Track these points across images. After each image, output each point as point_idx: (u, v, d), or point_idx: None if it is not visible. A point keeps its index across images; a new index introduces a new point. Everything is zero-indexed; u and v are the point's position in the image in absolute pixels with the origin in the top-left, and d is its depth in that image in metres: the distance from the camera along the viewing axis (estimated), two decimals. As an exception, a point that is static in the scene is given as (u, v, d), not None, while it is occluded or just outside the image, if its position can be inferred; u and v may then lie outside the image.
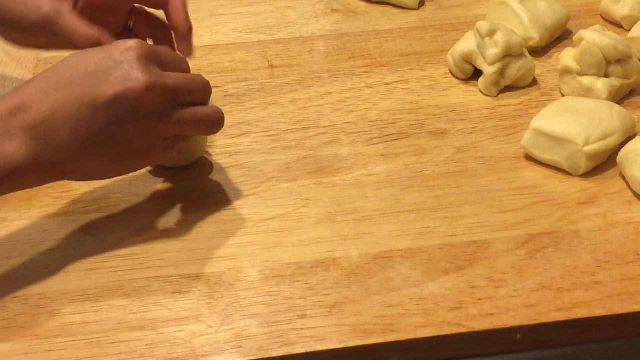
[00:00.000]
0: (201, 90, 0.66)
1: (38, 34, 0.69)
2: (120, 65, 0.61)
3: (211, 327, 0.60)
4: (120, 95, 0.60)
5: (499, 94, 0.82)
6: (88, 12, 0.69)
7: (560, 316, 0.60)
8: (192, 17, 0.96)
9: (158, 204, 0.71)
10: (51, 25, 0.68)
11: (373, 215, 0.69)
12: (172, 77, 0.63)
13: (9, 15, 0.69)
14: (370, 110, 0.81)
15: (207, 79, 0.67)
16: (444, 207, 0.70)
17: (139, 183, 0.72)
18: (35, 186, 0.63)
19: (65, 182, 0.73)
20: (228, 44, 0.91)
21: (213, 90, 0.67)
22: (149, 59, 0.62)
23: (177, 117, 0.63)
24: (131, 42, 0.62)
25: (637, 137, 0.72)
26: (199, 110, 0.65)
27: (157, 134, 0.63)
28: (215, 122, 0.66)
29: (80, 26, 0.67)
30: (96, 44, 0.66)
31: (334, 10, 0.96)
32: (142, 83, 0.60)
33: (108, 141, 0.61)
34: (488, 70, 0.81)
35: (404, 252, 0.66)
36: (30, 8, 0.68)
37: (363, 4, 0.97)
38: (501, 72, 0.81)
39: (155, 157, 0.65)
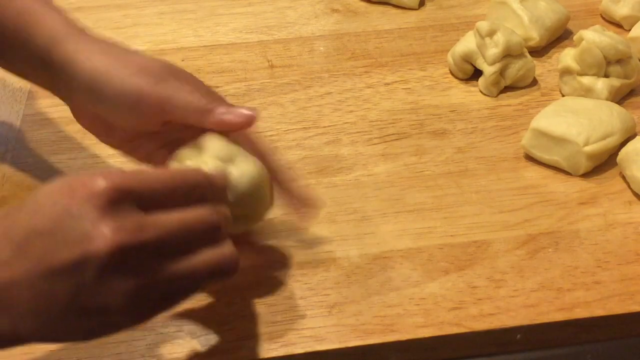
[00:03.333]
0: (207, 229, 0.53)
1: (144, 105, 0.61)
2: (80, 220, 0.48)
3: (211, 327, 0.60)
4: (79, 261, 0.48)
5: (499, 94, 0.82)
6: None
7: (560, 316, 0.60)
8: (192, 17, 0.97)
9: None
10: (163, 90, 0.61)
11: (373, 215, 0.69)
12: (157, 224, 0.50)
13: (115, 102, 0.61)
14: (370, 110, 0.81)
15: (207, 79, 0.65)
16: (444, 207, 0.70)
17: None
18: None
19: (65, 182, 0.73)
20: (228, 44, 0.91)
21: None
22: (120, 204, 0.49)
23: (167, 274, 0.50)
24: (98, 183, 0.49)
25: (637, 137, 0.72)
26: (200, 259, 0.52)
27: (144, 295, 0.50)
28: (224, 272, 0.53)
29: (195, 91, 0.61)
30: (210, 110, 0.60)
31: (334, 10, 0.96)
32: (106, 243, 0.48)
33: (78, 311, 0.49)
34: (488, 70, 0.81)
35: (404, 252, 0.66)
36: (136, 80, 0.60)
37: (363, 4, 0.97)
38: (501, 72, 0.81)
39: (154, 312, 0.52)
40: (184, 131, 0.62)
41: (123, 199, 0.49)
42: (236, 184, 0.58)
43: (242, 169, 0.58)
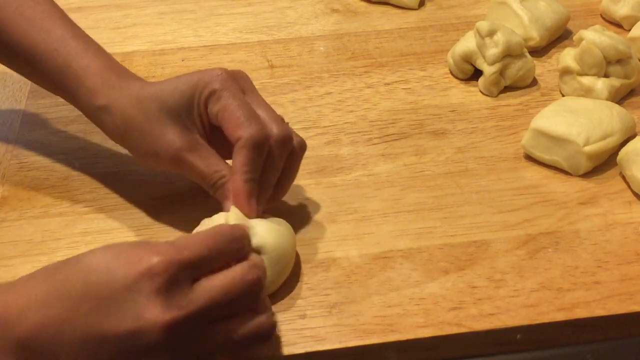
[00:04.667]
0: (248, 289, 0.54)
1: (172, 167, 0.65)
2: (136, 294, 0.50)
3: (211, 327, 0.60)
4: (130, 333, 0.49)
5: (499, 94, 0.82)
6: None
7: (560, 316, 0.60)
8: (192, 17, 0.97)
9: (158, 204, 0.71)
10: (181, 163, 0.63)
11: (373, 215, 0.69)
12: (205, 294, 0.52)
13: (143, 150, 0.65)
14: (370, 110, 0.81)
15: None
16: (444, 207, 0.70)
17: (139, 183, 0.72)
18: None
19: (66, 181, 0.73)
20: (228, 44, 0.91)
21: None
22: (175, 280, 0.51)
23: (208, 339, 0.53)
24: (154, 260, 0.51)
25: (637, 137, 0.72)
26: (239, 327, 0.53)
27: (182, 358, 0.52)
28: (260, 338, 0.55)
29: (208, 167, 0.63)
30: (221, 185, 0.63)
31: (334, 10, 0.96)
32: (160, 323, 0.50)
33: None
34: (488, 70, 0.81)
35: (404, 252, 0.66)
36: (163, 144, 0.63)
37: (363, 4, 0.97)
38: (501, 72, 0.81)
39: None
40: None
41: (178, 274, 0.51)
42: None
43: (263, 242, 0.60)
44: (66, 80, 0.67)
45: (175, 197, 0.71)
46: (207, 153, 0.64)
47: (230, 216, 0.61)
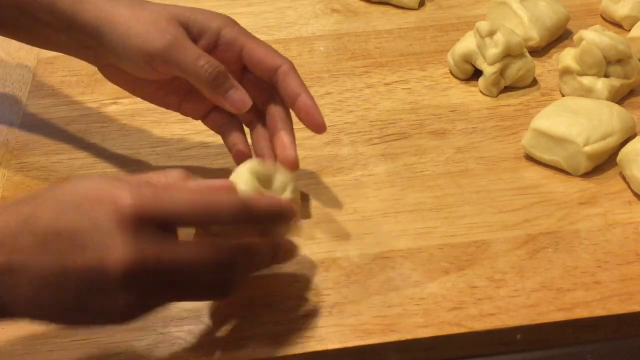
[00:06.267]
0: (219, 268, 0.53)
1: (157, 64, 0.64)
2: (101, 231, 0.50)
3: (211, 327, 0.60)
4: (92, 268, 0.50)
5: (499, 94, 0.82)
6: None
7: (560, 316, 0.60)
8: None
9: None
10: (173, 52, 0.63)
11: (373, 215, 0.69)
12: (173, 257, 0.51)
13: (127, 51, 0.64)
14: (370, 110, 0.81)
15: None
16: (444, 207, 0.70)
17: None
18: None
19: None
20: (228, 44, 0.90)
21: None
22: (142, 226, 0.50)
23: (166, 296, 0.54)
24: (125, 200, 0.50)
25: (637, 137, 0.72)
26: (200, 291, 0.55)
27: (140, 308, 0.53)
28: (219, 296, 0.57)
29: (203, 55, 0.63)
30: (221, 76, 0.63)
31: (334, 10, 0.96)
32: (121, 261, 0.49)
33: (78, 310, 0.52)
34: (488, 70, 0.81)
35: (404, 252, 0.66)
36: (150, 38, 0.63)
37: (363, 4, 0.97)
38: (501, 72, 0.81)
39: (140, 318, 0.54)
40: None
41: (146, 222, 0.51)
42: None
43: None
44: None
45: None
46: (197, 49, 0.64)
47: (253, 165, 0.64)
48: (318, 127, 0.66)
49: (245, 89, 0.65)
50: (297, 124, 0.79)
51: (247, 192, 0.61)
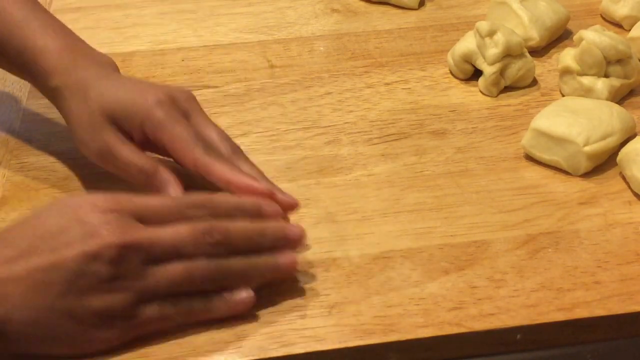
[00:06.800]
0: (201, 243, 0.57)
1: (103, 165, 0.66)
2: (84, 224, 0.54)
3: (211, 326, 0.60)
4: (78, 255, 0.53)
5: (499, 94, 0.82)
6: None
7: (560, 316, 0.60)
8: (192, 17, 0.97)
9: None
10: (108, 157, 0.65)
11: (373, 215, 0.69)
12: (159, 232, 0.56)
13: (79, 138, 0.67)
14: (370, 110, 0.81)
15: (207, 79, 0.66)
16: (444, 207, 0.70)
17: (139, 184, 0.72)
18: None
19: (66, 181, 0.73)
20: (228, 44, 0.91)
21: (213, 90, 0.66)
22: (122, 214, 0.55)
23: (150, 279, 0.56)
24: (102, 199, 0.55)
25: (637, 137, 0.72)
26: (161, 274, 0.57)
27: (131, 302, 0.55)
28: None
29: (131, 160, 0.64)
30: (150, 176, 0.63)
31: (334, 10, 0.96)
32: (107, 244, 0.53)
33: (67, 305, 0.53)
34: (488, 70, 0.81)
35: (404, 252, 0.66)
36: (90, 145, 0.66)
37: (363, 4, 0.97)
38: (501, 72, 0.81)
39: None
40: None
41: (125, 213, 0.55)
42: None
43: None
44: (24, 61, 0.69)
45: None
46: (136, 149, 0.65)
47: None
48: (260, 194, 0.62)
49: None
50: (295, 124, 0.79)
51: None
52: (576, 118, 0.72)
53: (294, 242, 0.61)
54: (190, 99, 0.67)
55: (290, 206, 0.64)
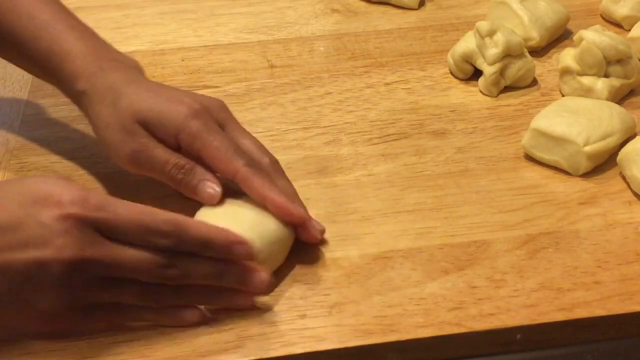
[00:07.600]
0: (156, 275, 0.56)
1: (133, 168, 0.66)
2: (42, 228, 0.52)
3: (211, 327, 0.60)
4: (32, 262, 0.52)
5: (499, 94, 0.82)
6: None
7: (560, 316, 0.60)
8: (192, 17, 0.97)
9: (159, 204, 0.70)
10: (142, 157, 0.64)
11: (373, 215, 0.69)
12: (118, 252, 0.54)
13: (108, 143, 0.66)
14: (370, 110, 0.81)
15: (207, 79, 0.66)
16: (444, 207, 0.70)
17: (139, 184, 0.72)
18: None
19: (65, 182, 0.73)
20: (228, 44, 0.91)
21: (213, 90, 0.66)
22: (85, 225, 0.53)
23: (103, 300, 0.56)
24: (71, 198, 0.53)
25: (637, 137, 0.73)
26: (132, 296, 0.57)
27: (77, 314, 0.56)
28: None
29: (168, 159, 0.64)
30: (188, 175, 0.63)
31: (334, 10, 0.96)
32: (60, 257, 0.52)
33: (17, 307, 0.54)
34: (488, 70, 0.81)
35: (404, 252, 0.66)
36: (121, 146, 0.65)
37: (363, 4, 0.97)
38: (501, 72, 0.81)
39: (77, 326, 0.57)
40: None
41: (88, 224, 0.53)
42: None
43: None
44: (49, 64, 0.68)
45: (176, 197, 0.71)
46: (170, 150, 0.64)
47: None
48: (293, 218, 0.62)
49: None
50: (295, 124, 0.79)
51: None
52: (576, 118, 0.72)
53: (256, 288, 0.60)
54: (224, 109, 0.67)
55: (319, 233, 0.64)
